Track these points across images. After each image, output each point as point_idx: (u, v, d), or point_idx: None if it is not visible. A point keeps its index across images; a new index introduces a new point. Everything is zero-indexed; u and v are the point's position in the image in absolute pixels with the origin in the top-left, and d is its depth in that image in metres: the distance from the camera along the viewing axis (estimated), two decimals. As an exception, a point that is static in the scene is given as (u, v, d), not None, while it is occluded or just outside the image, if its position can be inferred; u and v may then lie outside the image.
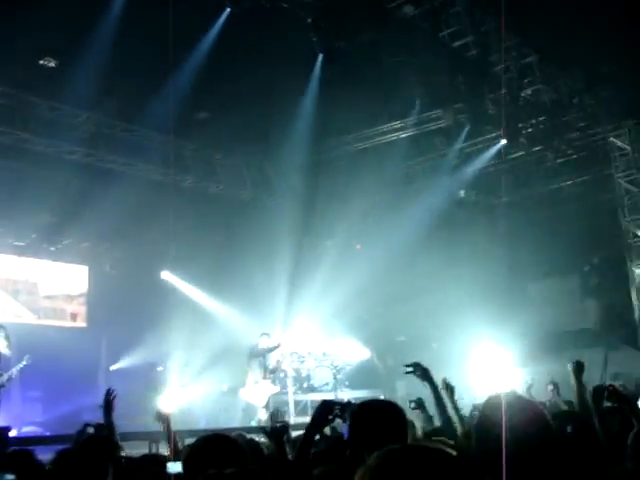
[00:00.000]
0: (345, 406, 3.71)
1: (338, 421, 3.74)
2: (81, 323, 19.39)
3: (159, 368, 19.70)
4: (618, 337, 18.32)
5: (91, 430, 6.32)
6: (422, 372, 5.34)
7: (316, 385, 17.21)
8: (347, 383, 17.57)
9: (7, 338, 12.49)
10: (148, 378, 18.95)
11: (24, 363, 12.72)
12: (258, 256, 18.99)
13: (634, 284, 17.82)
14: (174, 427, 5.59)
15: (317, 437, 3.97)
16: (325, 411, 3.70)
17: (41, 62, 15.16)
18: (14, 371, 12.51)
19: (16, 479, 3.46)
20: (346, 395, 14.93)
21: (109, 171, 17.71)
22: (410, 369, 5.50)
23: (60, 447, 4.47)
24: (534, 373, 14.09)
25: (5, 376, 12.33)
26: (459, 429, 5.16)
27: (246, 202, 20.81)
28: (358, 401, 3.81)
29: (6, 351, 12.44)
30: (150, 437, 10.91)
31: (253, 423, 13.72)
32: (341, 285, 18.48)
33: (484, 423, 2.69)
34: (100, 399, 6.58)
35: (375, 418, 3.10)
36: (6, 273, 18.26)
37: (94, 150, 17.25)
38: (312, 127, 17.43)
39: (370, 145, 19.59)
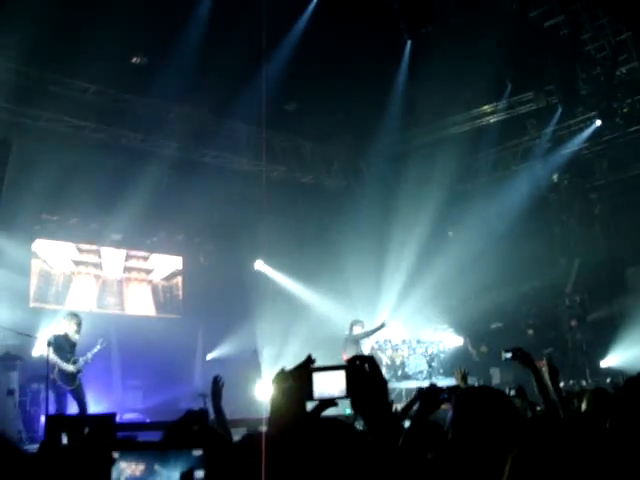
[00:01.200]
0: (453, 390, 3.70)
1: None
2: (177, 314, 19.78)
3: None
4: None
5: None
6: (524, 357, 5.25)
7: (410, 373, 17.15)
8: (441, 371, 17.46)
9: (79, 325, 12.84)
10: (244, 367, 19.22)
11: (98, 347, 13.05)
12: (349, 245, 19.01)
13: None
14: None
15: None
16: (433, 396, 3.70)
17: (133, 60, 15.52)
18: (89, 356, 12.83)
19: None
20: (441, 383, 14.84)
21: (201, 164, 18.01)
22: (509, 355, 5.42)
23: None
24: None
25: (81, 361, 12.68)
26: (562, 414, 5.06)
27: (336, 191, 20.86)
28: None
29: (75, 337, 12.79)
30: (249, 423, 11.10)
31: (348, 411, 13.76)
32: (432, 272, 18.36)
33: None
34: (197, 388, 6.73)
35: (482, 403, 3.05)
36: (105, 265, 18.78)
37: (185, 144, 17.56)
38: (402, 115, 17.34)
39: (460, 130, 19.37)
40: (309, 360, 2.18)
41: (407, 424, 4.23)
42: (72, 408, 12.49)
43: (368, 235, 19.02)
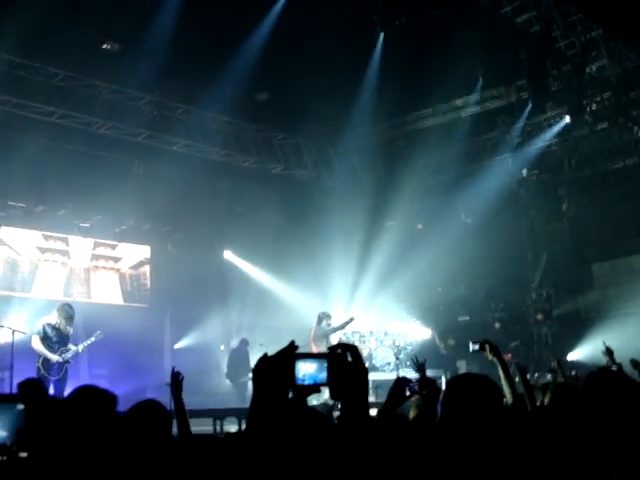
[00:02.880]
0: (423, 382, 3.72)
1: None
2: (144, 303, 19.67)
3: (221, 347, 19.95)
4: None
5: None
6: (491, 349, 5.29)
7: (378, 365, 17.22)
8: (408, 363, 17.52)
9: (68, 318, 12.71)
10: (210, 357, 19.19)
11: (92, 339, 12.97)
12: (319, 236, 19.03)
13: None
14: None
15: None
16: (400, 388, 3.71)
17: (104, 46, 15.36)
18: (80, 347, 12.75)
19: (25, 409, 3.55)
20: (408, 375, 14.90)
21: (171, 153, 17.90)
22: (477, 347, 5.46)
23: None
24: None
25: (70, 352, 12.59)
26: (529, 407, 5.12)
27: (307, 182, 20.85)
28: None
29: (67, 329, 12.68)
30: (214, 414, 11.09)
31: (315, 402, 13.78)
32: (402, 265, 18.42)
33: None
34: (165, 377, 6.67)
35: (472, 388, 3.04)
36: (72, 253, 18.61)
37: (156, 132, 17.43)
38: (373, 107, 17.35)
39: (431, 124, 19.43)
40: (292, 346, 2.18)
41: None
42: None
43: (338, 226, 19.04)
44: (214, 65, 15.00)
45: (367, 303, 19.06)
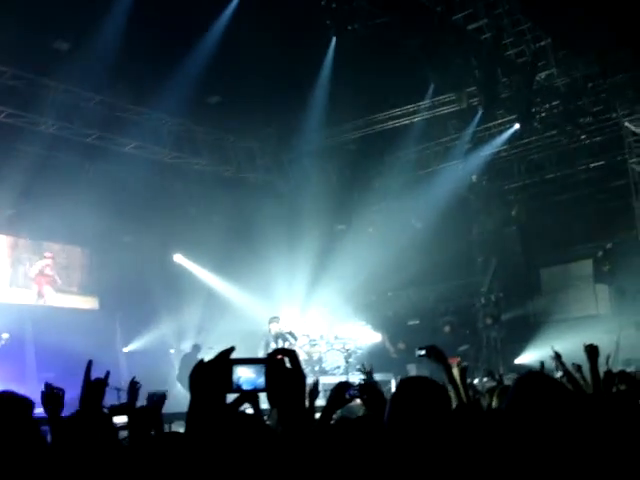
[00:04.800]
0: (364, 386, 3.73)
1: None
2: (93, 305, 19.46)
3: (171, 350, 19.81)
4: (630, 323, 18.25)
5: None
6: (437, 355, 5.31)
7: (327, 368, 17.23)
8: (358, 367, 17.57)
9: None
10: (160, 360, 19.04)
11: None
12: (271, 240, 19.00)
13: (647, 269, 17.76)
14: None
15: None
16: (340, 393, 3.72)
17: (54, 45, 15.17)
18: None
19: None
20: (357, 379, 14.95)
21: (121, 154, 17.72)
22: (423, 352, 5.48)
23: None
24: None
25: None
26: (471, 412, 5.15)
27: (259, 186, 20.81)
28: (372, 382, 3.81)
29: None
30: (163, 418, 10.97)
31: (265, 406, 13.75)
32: (353, 269, 18.48)
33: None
34: (114, 381, 6.56)
35: (420, 394, 3.04)
36: (20, 254, 18.37)
37: (107, 133, 17.25)
38: (325, 111, 17.38)
39: (383, 129, 19.53)
40: (229, 351, 2.17)
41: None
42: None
43: (289, 229, 19.05)
44: (166, 66, 14.91)
45: (316, 306, 19.08)
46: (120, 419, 4.65)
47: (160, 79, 15.30)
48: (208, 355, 2.19)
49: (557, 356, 7.17)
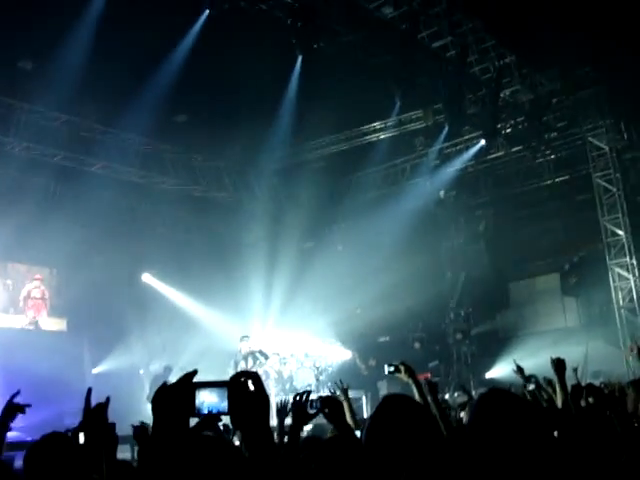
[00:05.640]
0: (325, 400, 3.70)
1: None
2: (61, 326, 19.26)
3: (140, 371, 19.63)
4: (598, 335, 18.41)
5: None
6: (407, 371, 5.32)
7: (298, 387, 17.15)
8: (329, 384, 17.54)
9: None
10: (130, 381, 18.86)
11: None
12: (240, 258, 18.96)
13: (613, 282, 17.94)
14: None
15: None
16: (302, 408, 3.69)
17: (19, 64, 15.07)
18: None
19: None
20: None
21: (88, 174, 17.61)
22: (392, 369, 5.49)
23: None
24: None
25: None
26: (442, 428, 5.15)
27: (226, 205, 20.76)
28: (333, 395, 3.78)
29: None
30: (132, 440, 10.86)
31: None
32: (323, 286, 18.49)
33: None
34: (82, 403, 6.44)
35: (402, 414, 3.00)
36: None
37: (73, 153, 17.15)
38: (292, 129, 17.40)
39: (351, 146, 19.61)
40: (191, 375, 2.16)
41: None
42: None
43: (258, 248, 19.04)
44: (133, 85, 14.84)
45: (286, 324, 19.04)
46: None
47: (127, 98, 15.23)
48: (178, 376, 2.18)
49: (519, 370, 7.21)
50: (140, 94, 14.83)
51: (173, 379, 2.18)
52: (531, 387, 6.87)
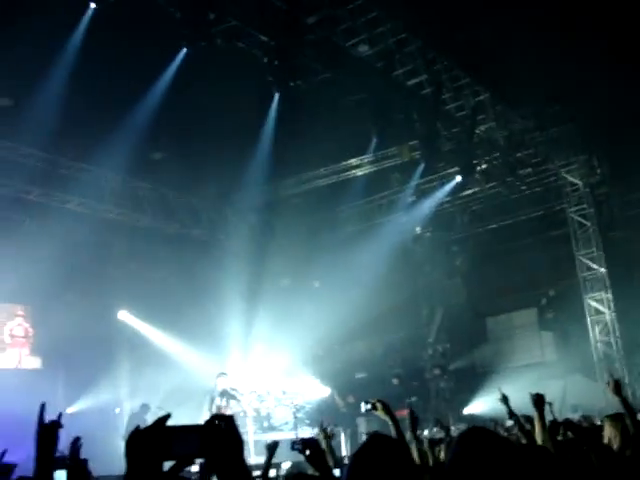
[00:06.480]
0: (306, 442, 3.70)
1: None
2: (34, 364, 19.02)
3: (116, 410, 19.38)
4: (576, 369, 18.48)
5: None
6: (384, 408, 5.30)
7: (276, 424, 17.03)
8: (307, 421, 17.44)
9: None
10: (105, 420, 18.62)
11: None
12: (215, 295, 18.89)
13: (589, 316, 18.06)
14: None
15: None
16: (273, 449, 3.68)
17: (-5, 102, 15.07)
18: None
19: None
20: (307, 433, 14.80)
21: (63, 211, 17.52)
22: (369, 406, 5.47)
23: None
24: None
25: None
26: (417, 461, 5.14)
27: (203, 241, 20.72)
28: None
29: None
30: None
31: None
32: (299, 322, 18.44)
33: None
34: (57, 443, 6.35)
35: (385, 454, 2.97)
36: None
37: (49, 189, 17.08)
38: (269, 166, 17.45)
39: (327, 183, 19.70)
40: (164, 419, 2.15)
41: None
42: None
43: (236, 285, 18.95)
44: (108, 123, 14.84)
45: (263, 361, 18.93)
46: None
47: (102, 135, 15.23)
48: (157, 414, 2.17)
49: (504, 398, 7.20)
50: (116, 131, 14.83)
51: (150, 417, 2.17)
52: (509, 423, 6.87)
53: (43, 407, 3.73)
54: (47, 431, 3.69)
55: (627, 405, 5.59)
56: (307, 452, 3.73)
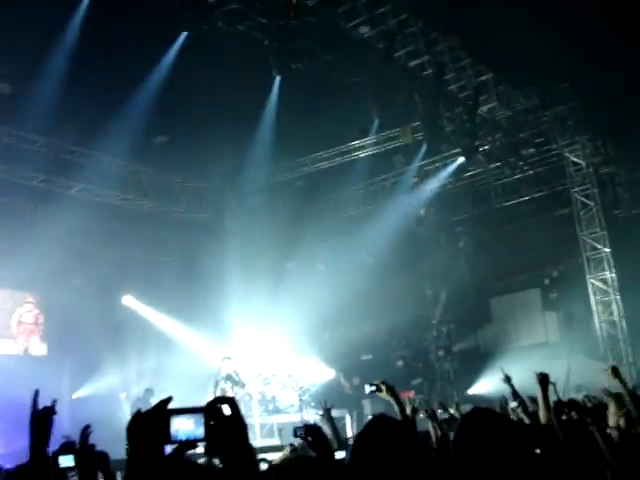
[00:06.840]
0: (309, 428, 3.71)
1: None
2: (41, 351, 19.08)
3: (122, 395, 19.46)
4: (580, 349, 18.49)
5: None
6: (388, 390, 5.32)
7: (281, 407, 17.10)
8: (313, 404, 17.50)
9: None
10: (111, 405, 18.69)
11: None
12: (222, 279, 18.90)
13: (593, 296, 18.04)
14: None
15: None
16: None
17: (-2, 88, 15.05)
18: None
19: None
20: (312, 416, 14.86)
21: (67, 197, 17.53)
22: (373, 388, 5.49)
23: None
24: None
25: None
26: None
27: (207, 225, 20.72)
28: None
29: None
30: (114, 466, 10.77)
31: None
32: (305, 306, 18.46)
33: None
34: (62, 429, 6.41)
35: (389, 435, 2.98)
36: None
37: (53, 176, 17.09)
38: (272, 149, 17.44)
39: (330, 165, 19.66)
40: (166, 402, 2.14)
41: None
42: None
43: (240, 268, 18.97)
44: (111, 107, 14.84)
45: (269, 344, 18.97)
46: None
47: (105, 120, 15.23)
48: (161, 399, 2.16)
49: (507, 379, 7.21)
50: (119, 116, 14.83)
51: (154, 402, 2.17)
52: (513, 404, 6.88)
53: (36, 394, 3.75)
54: (40, 418, 3.71)
55: (627, 388, 5.63)
56: (309, 438, 3.74)
